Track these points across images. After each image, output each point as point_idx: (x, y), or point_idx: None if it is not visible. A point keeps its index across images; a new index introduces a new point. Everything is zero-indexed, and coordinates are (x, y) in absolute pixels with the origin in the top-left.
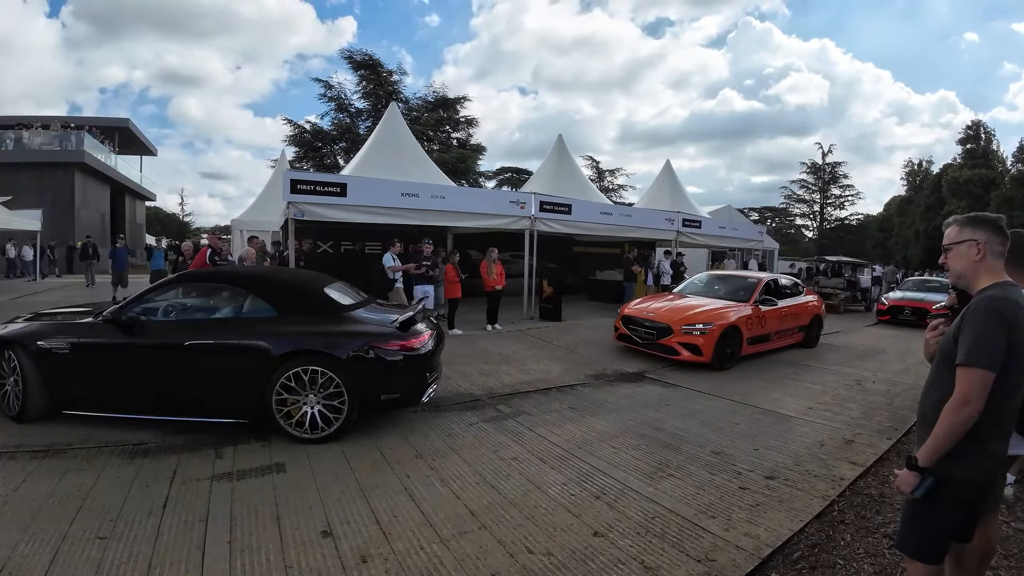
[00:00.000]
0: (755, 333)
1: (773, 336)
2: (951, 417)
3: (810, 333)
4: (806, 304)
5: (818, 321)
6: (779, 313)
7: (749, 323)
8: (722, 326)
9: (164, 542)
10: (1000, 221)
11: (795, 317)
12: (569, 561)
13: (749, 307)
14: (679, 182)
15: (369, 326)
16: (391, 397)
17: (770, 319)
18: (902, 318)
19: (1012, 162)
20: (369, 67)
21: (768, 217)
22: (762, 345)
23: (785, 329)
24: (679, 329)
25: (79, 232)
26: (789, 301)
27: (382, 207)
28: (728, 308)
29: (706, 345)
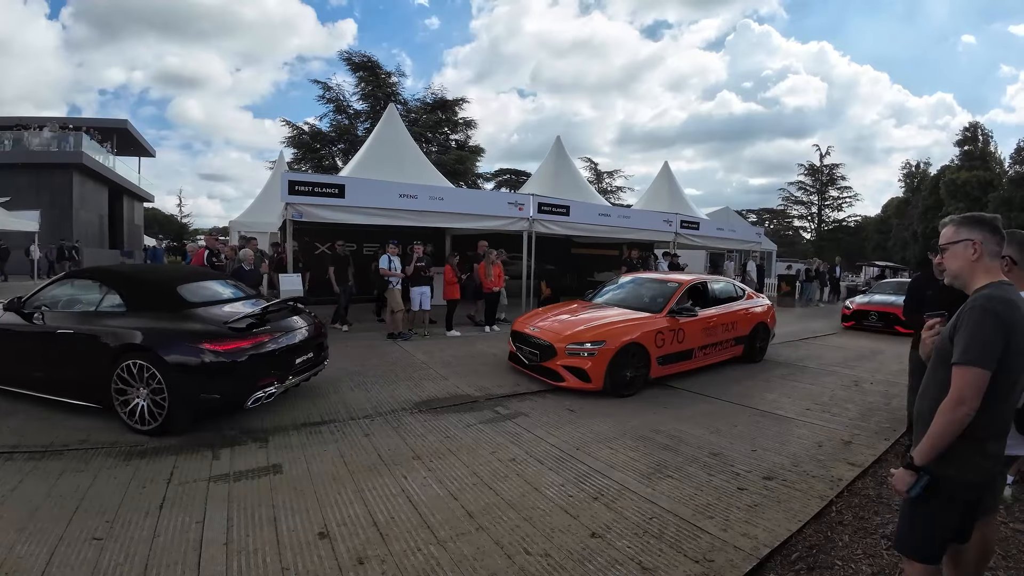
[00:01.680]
0: (670, 350)
1: (698, 352)
2: (946, 416)
3: (752, 345)
4: (746, 311)
5: (762, 331)
6: (705, 324)
7: (660, 338)
8: (618, 345)
9: (161, 543)
10: (996, 221)
11: (729, 327)
12: (567, 562)
13: (663, 319)
14: (677, 184)
15: (203, 325)
16: (210, 398)
17: (692, 332)
18: (867, 324)
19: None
20: (368, 69)
21: (766, 219)
22: (682, 364)
23: (715, 343)
24: (563, 349)
25: (77, 233)
26: (721, 308)
27: (380, 208)
28: (633, 321)
29: (595, 369)
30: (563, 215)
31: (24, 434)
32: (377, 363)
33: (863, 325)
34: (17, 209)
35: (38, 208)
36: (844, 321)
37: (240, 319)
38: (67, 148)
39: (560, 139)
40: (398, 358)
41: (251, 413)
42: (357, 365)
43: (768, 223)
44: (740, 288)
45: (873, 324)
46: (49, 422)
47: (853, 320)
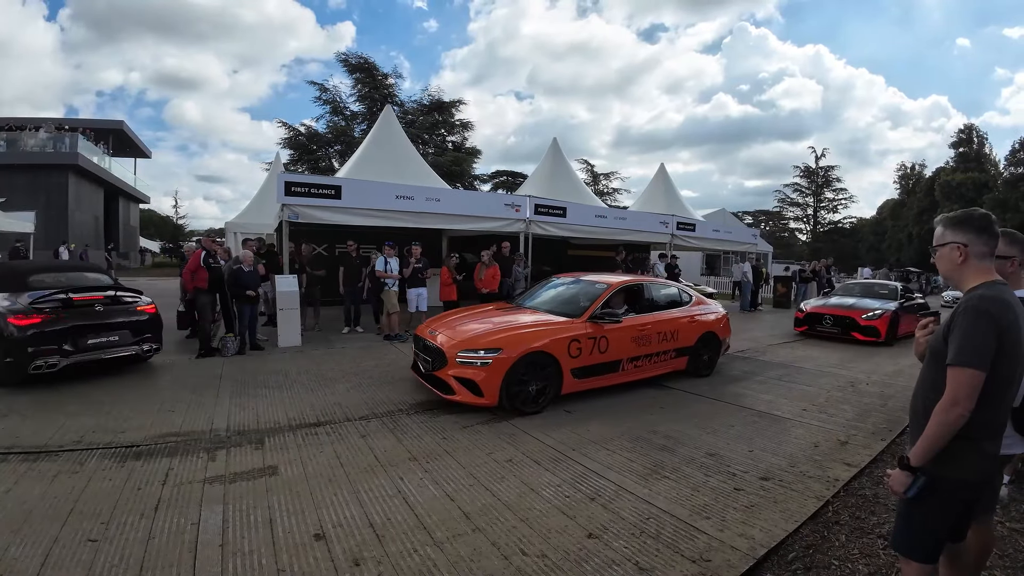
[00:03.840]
0: (589, 361)
1: (627, 364)
2: (941, 417)
3: (697, 357)
4: (691, 319)
5: (711, 341)
6: (636, 332)
7: (575, 347)
8: (518, 354)
9: (156, 545)
10: (985, 220)
11: (668, 336)
12: (563, 563)
13: (582, 324)
14: (673, 186)
15: (16, 304)
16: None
17: (618, 341)
18: (821, 329)
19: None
20: (364, 70)
21: (762, 220)
22: (606, 378)
23: (649, 354)
24: (454, 357)
25: (72, 234)
26: (660, 315)
27: (377, 209)
28: (545, 326)
29: (488, 381)
30: (560, 216)
31: (19, 435)
32: (373, 364)
33: (816, 331)
34: (13, 210)
35: (34, 209)
36: (796, 326)
37: (44, 300)
38: (63, 149)
39: (557, 141)
40: (394, 359)
41: (249, 413)
42: (353, 366)
43: (764, 225)
44: (687, 293)
45: (827, 329)
46: (44, 423)
47: (806, 325)
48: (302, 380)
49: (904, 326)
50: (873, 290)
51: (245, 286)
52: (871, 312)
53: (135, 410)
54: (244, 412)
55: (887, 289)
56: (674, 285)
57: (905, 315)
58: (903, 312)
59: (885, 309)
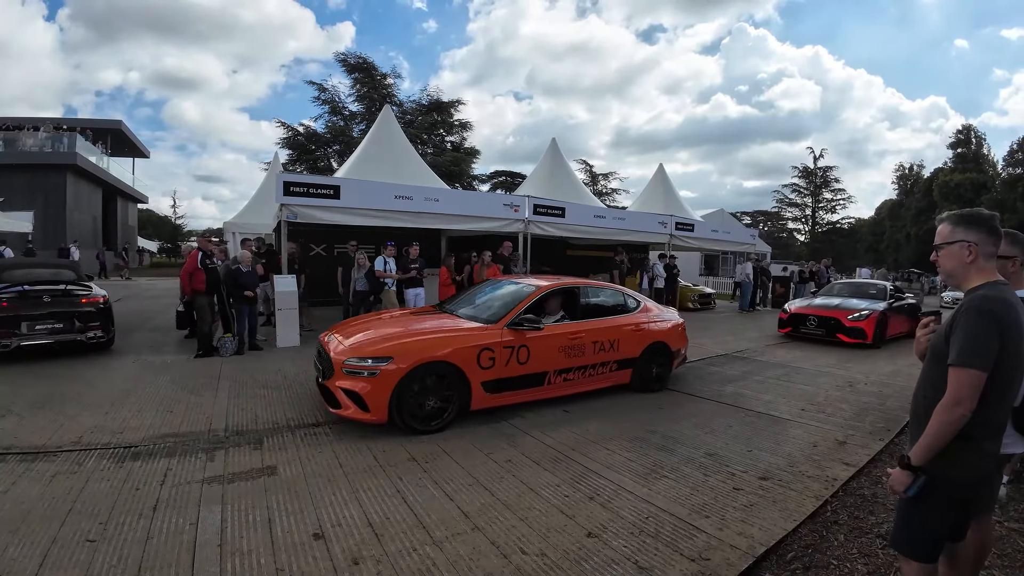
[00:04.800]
0: (506, 373)
1: (555, 377)
2: (943, 417)
3: (643, 370)
4: (636, 326)
5: (661, 352)
6: (566, 340)
7: (488, 357)
8: (411, 364)
9: (154, 545)
10: (993, 220)
11: (607, 346)
12: (563, 562)
13: (498, 331)
14: (672, 186)
15: None
16: None
17: (543, 350)
18: (805, 331)
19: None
20: (363, 70)
21: (760, 221)
22: (528, 392)
23: (583, 365)
24: (340, 366)
25: (70, 234)
26: (596, 321)
27: (375, 209)
28: (452, 333)
29: (375, 395)
30: (558, 217)
31: (17, 436)
32: None
33: (800, 332)
34: (11, 210)
35: (32, 209)
36: (780, 327)
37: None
38: (61, 149)
39: (556, 141)
40: None
41: (247, 413)
42: None
43: (762, 225)
44: (633, 298)
45: (812, 331)
46: (42, 423)
47: (790, 326)
48: (301, 380)
49: (893, 327)
50: (862, 290)
51: (243, 286)
52: (857, 313)
53: (133, 410)
54: (243, 412)
55: (876, 289)
56: (620, 290)
57: (894, 316)
58: (892, 313)
59: (872, 309)
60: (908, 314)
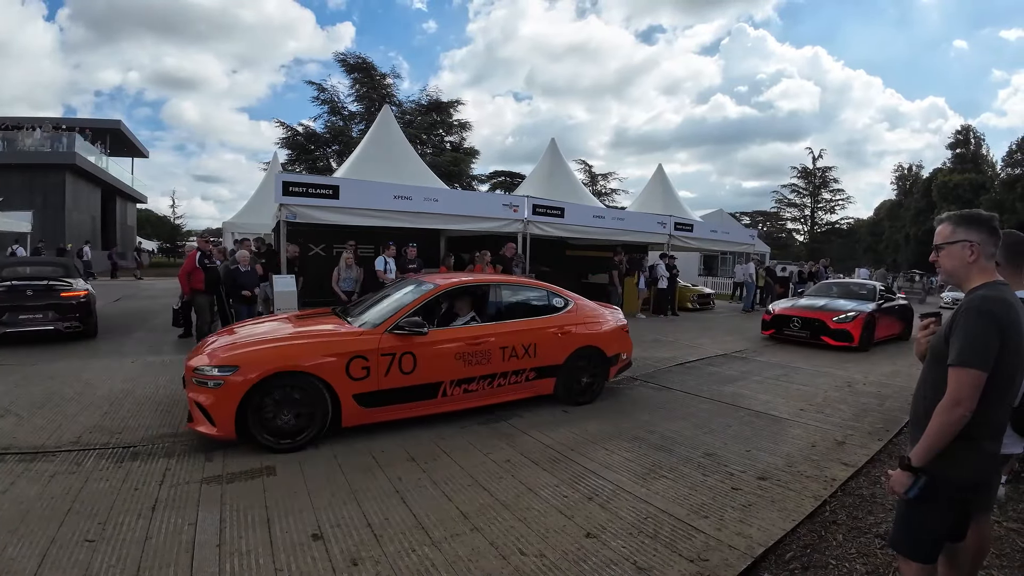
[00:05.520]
0: (385, 384)
1: (452, 388)
2: (943, 417)
3: (570, 379)
4: (560, 330)
5: (594, 359)
6: (464, 346)
7: (361, 366)
8: (259, 374)
9: (153, 545)
10: (993, 221)
11: (521, 352)
12: (561, 562)
13: (375, 337)
14: (671, 186)
15: None
16: None
17: (433, 358)
18: (789, 333)
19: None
20: (363, 70)
21: (759, 221)
22: (415, 406)
23: (489, 375)
24: (190, 376)
25: (69, 234)
26: (506, 324)
27: (374, 210)
28: (321, 339)
29: (219, 408)
30: (558, 217)
31: (16, 436)
32: None
33: (784, 334)
34: (9, 210)
35: (31, 209)
36: (764, 329)
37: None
38: (60, 148)
39: (555, 141)
40: None
41: None
42: None
43: (761, 225)
44: (560, 297)
45: (796, 333)
46: (41, 423)
47: (773, 328)
48: None
49: (882, 330)
50: (850, 290)
51: (242, 286)
52: (843, 314)
53: (132, 410)
54: None
55: (865, 289)
56: (546, 288)
57: (883, 318)
58: (881, 314)
59: (859, 311)
60: (899, 316)
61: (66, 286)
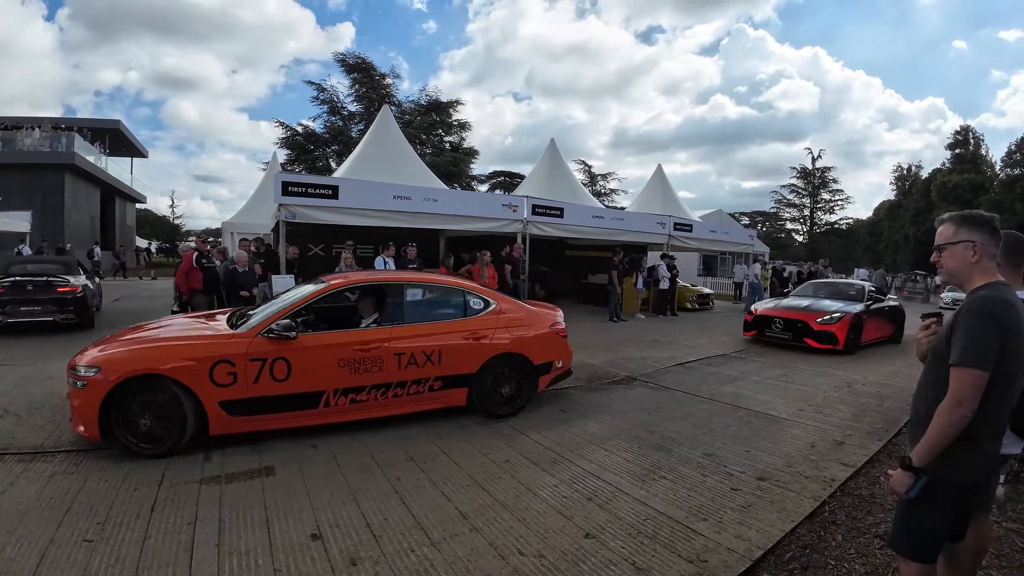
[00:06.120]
0: (257, 392)
1: (336, 398)
2: (945, 418)
3: (486, 390)
4: (473, 334)
5: (521, 368)
6: (350, 352)
7: (226, 372)
8: (120, 376)
9: (151, 545)
10: (995, 222)
11: (423, 359)
12: (560, 563)
13: (245, 340)
14: (671, 186)
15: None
16: None
17: (310, 364)
18: (771, 335)
19: (1001, 167)
20: (362, 70)
21: (759, 221)
22: (294, 416)
23: (382, 384)
24: (68, 374)
25: (69, 234)
26: (402, 329)
27: (374, 210)
28: (187, 341)
29: (83, 409)
30: (557, 217)
31: (15, 436)
32: None
33: (766, 336)
34: (9, 210)
35: (30, 209)
36: (745, 330)
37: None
38: (59, 148)
39: (554, 142)
40: None
41: None
42: None
43: (761, 226)
44: (480, 298)
45: (778, 335)
46: (40, 423)
47: (755, 329)
48: None
49: (870, 332)
50: (837, 290)
51: (240, 286)
52: (828, 315)
53: None
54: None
55: (853, 289)
56: (463, 287)
57: (871, 319)
58: (869, 316)
59: (845, 312)
60: (888, 318)
61: (63, 282)
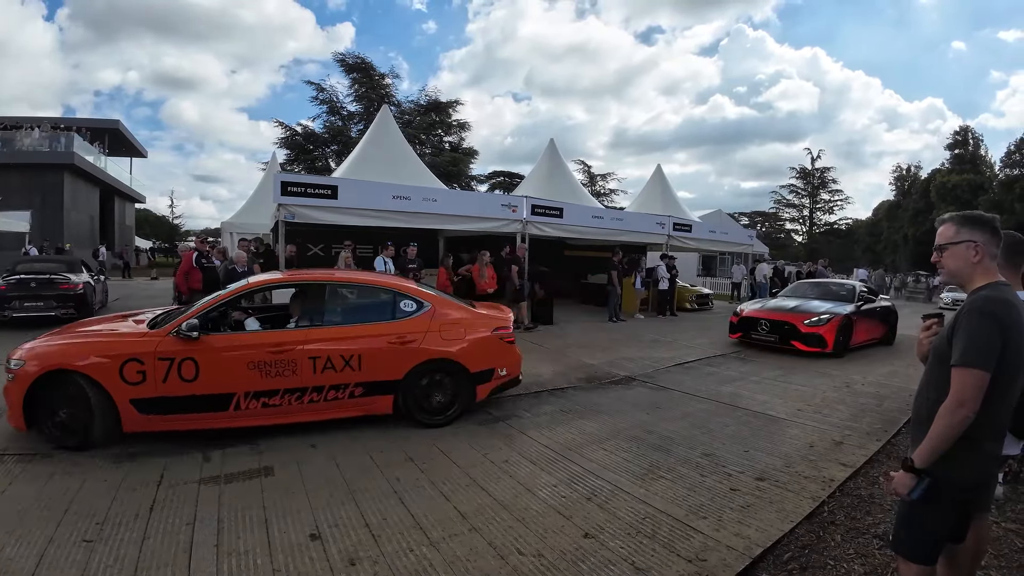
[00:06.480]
0: (167, 391)
1: (247, 402)
2: (947, 419)
3: (415, 398)
4: (399, 338)
5: (456, 375)
6: (261, 354)
7: (136, 370)
8: (40, 370)
9: (150, 545)
10: (995, 222)
11: (340, 365)
12: (560, 562)
13: (156, 339)
14: (670, 187)
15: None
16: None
17: (219, 365)
18: (757, 337)
19: (1000, 167)
20: (361, 70)
21: (758, 222)
22: (205, 417)
23: (297, 388)
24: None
25: (68, 234)
26: (320, 331)
27: (373, 210)
28: (103, 338)
29: (12, 399)
30: (556, 217)
31: (14, 436)
32: None
33: (752, 339)
34: (8, 209)
35: (29, 208)
36: (731, 332)
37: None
38: (58, 148)
39: (554, 142)
40: None
41: None
42: None
43: (760, 226)
44: (413, 299)
45: (763, 337)
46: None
47: (740, 331)
48: None
49: (860, 334)
50: (827, 290)
51: None
52: (815, 317)
53: None
54: None
55: (844, 290)
56: (393, 287)
57: (862, 321)
58: (860, 317)
59: (834, 313)
60: (880, 319)
61: (64, 280)
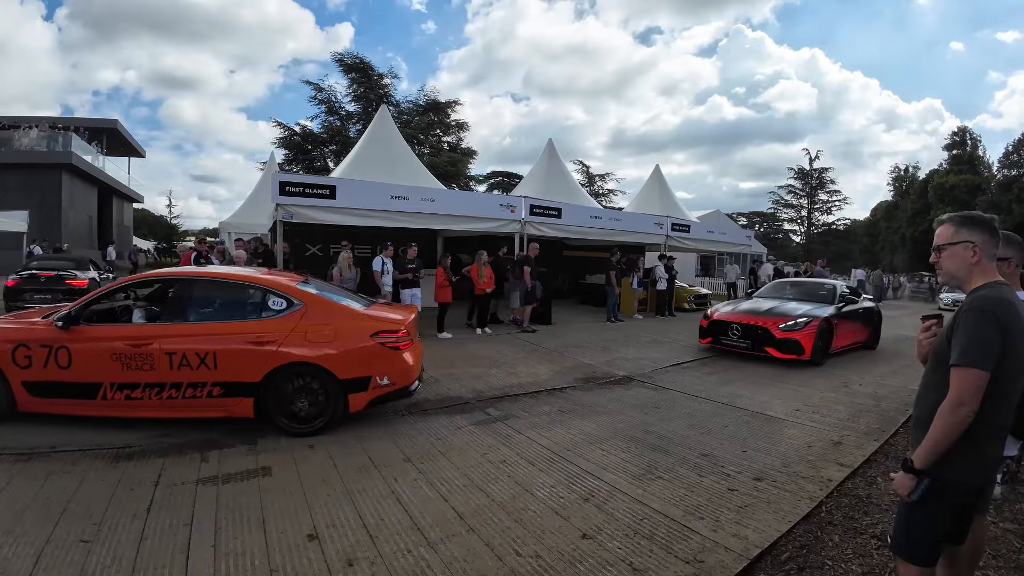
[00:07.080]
0: (48, 376)
1: (112, 392)
2: (947, 419)
3: (271, 402)
4: (258, 338)
5: (325, 382)
6: (121, 347)
7: (24, 355)
8: None
9: (148, 546)
10: (994, 222)
11: (195, 363)
12: (557, 563)
13: (45, 326)
14: (668, 187)
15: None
16: None
17: (85, 355)
18: (727, 343)
19: (998, 168)
20: (360, 70)
21: (756, 222)
22: (79, 404)
23: (156, 383)
24: None
25: (66, 233)
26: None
27: (371, 209)
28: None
29: None
30: (555, 217)
31: (12, 435)
32: None
33: (722, 344)
34: (6, 209)
35: (27, 208)
36: (701, 337)
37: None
38: (57, 148)
39: (552, 142)
40: None
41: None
42: None
43: (758, 226)
44: (281, 298)
45: (735, 343)
46: (37, 424)
47: (710, 336)
48: None
49: (841, 338)
50: (806, 290)
51: None
52: (792, 321)
53: None
54: None
55: (824, 290)
56: (263, 283)
57: (843, 324)
58: (840, 320)
59: (812, 316)
60: (863, 321)
61: (71, 276)
